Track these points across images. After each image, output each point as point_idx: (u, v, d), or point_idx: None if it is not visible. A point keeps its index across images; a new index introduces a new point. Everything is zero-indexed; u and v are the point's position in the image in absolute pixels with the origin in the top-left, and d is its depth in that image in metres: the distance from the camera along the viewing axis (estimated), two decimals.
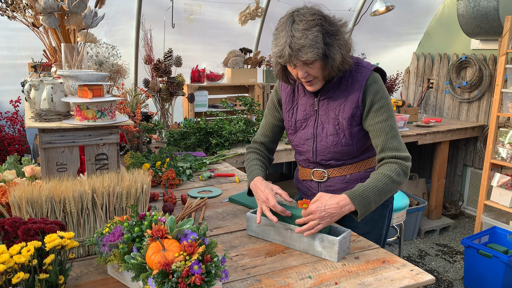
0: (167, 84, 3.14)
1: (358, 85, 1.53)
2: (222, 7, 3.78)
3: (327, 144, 1.59)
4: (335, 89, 1.57)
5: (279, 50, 1.42)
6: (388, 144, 1.50)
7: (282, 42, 1.40)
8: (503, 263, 2.85)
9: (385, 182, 1.42)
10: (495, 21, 3.65)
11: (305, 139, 1.64)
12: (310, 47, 1.37)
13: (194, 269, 0.99)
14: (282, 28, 1.42)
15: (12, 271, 0.97)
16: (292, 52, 1.39)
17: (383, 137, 1.50)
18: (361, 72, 1.54)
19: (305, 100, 1.63)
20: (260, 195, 1.50)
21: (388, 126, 1.50)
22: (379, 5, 3.91)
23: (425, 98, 4.80)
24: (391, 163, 1.48)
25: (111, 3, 3.20)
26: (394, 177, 1.44)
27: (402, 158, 1.49)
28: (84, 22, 1.72)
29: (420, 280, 1.23)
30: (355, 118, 1.54)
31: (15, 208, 1.22)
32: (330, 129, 1.58)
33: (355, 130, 1.56)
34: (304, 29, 1.38)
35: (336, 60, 1.44)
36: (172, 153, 2.46)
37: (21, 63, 3.11)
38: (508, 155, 3.40)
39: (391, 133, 1.51)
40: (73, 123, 1.44)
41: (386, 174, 1.44)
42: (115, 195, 1.32)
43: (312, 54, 1.38)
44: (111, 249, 1.15)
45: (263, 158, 1.74)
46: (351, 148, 1.58)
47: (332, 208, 1.35)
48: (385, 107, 1.51)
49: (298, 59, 1.40)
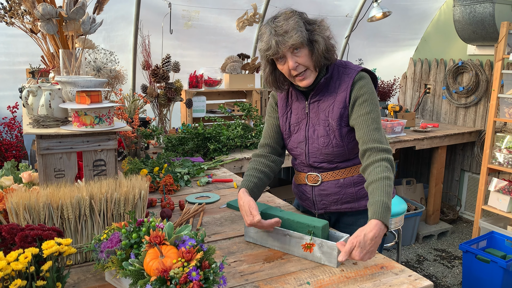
0: (165, 90, 3.14)
1: (345, 86, 1.57)
2: (220, 13, 3.80)
3: (318, 146, 1.61)
4: (324, 92, 1.60)
5: (266, 43, 1.49)
6: (371, 136, 1.49)
7: (267, 35, 1.49)
8: (501, 268, 2.85)
9: (390, 185, 1.41)
10: (491, 27, 3.68)
11: (298, 142, 1.66)
12: (293, 29, 1.46)
13: (192, 276, 0.99)
14: (265, 27, 1.52)
15: (10, 278, 0.96)
16: (278, 38, 1.46)
17: (365, 129, 1.50)
18: (348, 74, 1.58)
19: (297, 104, 1.67)
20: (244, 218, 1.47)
21: (370, 119, 1.51)
22: (376, 11, 3.93)
23: (422, 103, 4.82)
24: (379, 161, 1.45)
25: (109, 9, 3.21)
26: (390, 175, 1.42)
27: (385, 150, 1.47)
28: (82, 28, 1.73)
29: (419, 285, 1.23)
30: (344, 118, 1.57)
31: (12, 215, 1.21)
32: (320, 131, 1.60)
33: (344, 130, 1.57)
34: (285, 19, 1.48)
35: (320, 44, 1.50)
36: (170, 158, 2.46)
37: (19, 69, 3.11)
38: (505, 160, 3.41)
39: (373, 125, 1.50)
40: (71, 129, 1.44)
41: (386, 177, 1.41)
42: (113, 201, 1.32)
43: (297, 36, 1.45)
44: (109, 255, 1.15)
45: (262, 167, 1.68)
46: (342, 149, 1.59)
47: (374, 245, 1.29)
48: (369, 101, 1.53)
49: (285, 44, 1.46)
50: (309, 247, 1.35)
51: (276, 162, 1.74)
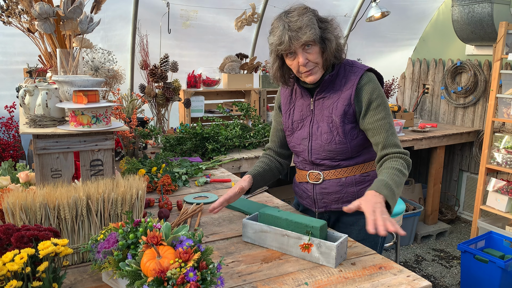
0: (163, 90, 3.14)
1: (351, 84, 1.58)
2: (219, 13, 3.79)
3: (321, 143, 1.62)
4: (330, 89, 1.62)
5: (278, 37, 1.49)
6: (390, 141, 1.54)
7: (280, 29, 1.49)
8: (500, 268, 2.85)
9: (398, 175, 1.44)
10: (489, 27, 3.68)
11: (301, 138, 1.68)
12: (307, 26, 1.46)
13: (189, 276, 0.98)
14: (278, 21, 1.52)
15: (5, 279, 0.95)
16: (291, 34, 1.46)
17: (384, 134, 1.54)
18: (354, 72, 1.60)
19: (302, 102, 1.68)
20: None
21: (387, 124, 1.55)
22: (374, 11, 3.93)
23: (420, 103, 4.82)
24: (396, 158, 1.51)
25: (107, 8, 3.19)
26: (403, 170, 1.47)
27: (405, 153, 1.54)
28: (80, 27, 1.72)
29: (417, 286, 1.23)
30: (348, 115, 1.58)
31: (8, 215, 1.20)
32: (324, 128, 1.61)
33: (347, 127, 1.59)
34: (299, 15, 1.48)
35: (332, 42, 1.51)
36: (168, 158, 2.45)
37: (16, 68, 3.10)
38: (504, 160, 3.41)
39: (390, 130, 1.56)
40: (68, 129, 1.43)
41: (396, 168, 1.46)
42: (110, 201, 1.31)
43: (310, 33, 1.46)
44: (105, 256, 1.14)
45: (269, 161, 1.80)
46: (344, 146, 1.60)
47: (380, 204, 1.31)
48: (382, 105, 1.56)
49: (298, 40, 1.47)
50: (307, 247, 1.35)
51: (281, 163, 1.84)
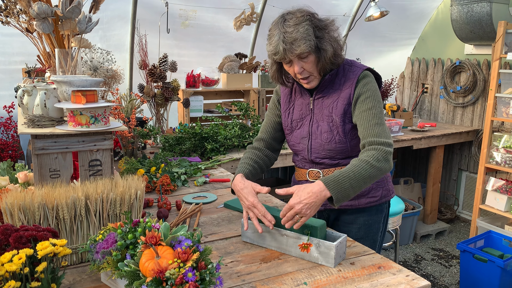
0: (162, 89, 3.13)
1: (350, 83, 1.58)
2: (217, 13, 3.79)
3: (321, 142, 1.62)
4: (329, 88, 1.62)
5: (274, 47, 1.49)
6: (370, 130, 1.50)
7: (275, 39, 1.48)
8: (499, 268, 2.85)
9: (363, 167, 1.40)
10: (488, 27, 3.68)
11: (301, 137, 1.68)
12: (302, 39, 1.45)
13: (188, 277, 0.98)
14: (275, 28, 1.50)
15: (3, 280, 0.95)
16: (286, 46, 1.45)
17: (365, 124, 1.51)
18: (353, 71, 1.60)
19: (301, 101, 1.68)
20: (244, 201, 1.48)
21: (371, 114, 1.51)
22: (373, 10, 3.93)
23: (419, 103, 4.82)
24: (370, 149, 1.46)
25: (105, 8, 3.19)
26: (373, 162, 1.41)
27: (382, 143, 1.46)
28: (78, 27, 1.71)
29: (416, 285, 1.23)
30: (347, 114, 1.58)
31: (7, 215, 1.20)
32: (324, 127, 1.61)
33: (348, 127, 1.59)
34: (295, 24, 1.46)
35: (328, 52, 1.50)
36: (167, 158, 2.45)
37: (15, 68, 3.10)
38: (503, 160, 3.41)
39: (373, 120, 1.51)
40: (66, 129, 1.43)
41: (364, 160, 1.42)
42: (108, 202, 1.31)
43: (305, 46, 1.45)
44: (104, 256, 1.14)
45: (257, 158, 1.71)
46: (344, 146, 1.60)
47: (308, 198, 1.34)
48: (371, 98, 1.54)
49: (292, 53, 1.46)
50: (306, 247, 1.35)
51: (269, 157, 1.78)
